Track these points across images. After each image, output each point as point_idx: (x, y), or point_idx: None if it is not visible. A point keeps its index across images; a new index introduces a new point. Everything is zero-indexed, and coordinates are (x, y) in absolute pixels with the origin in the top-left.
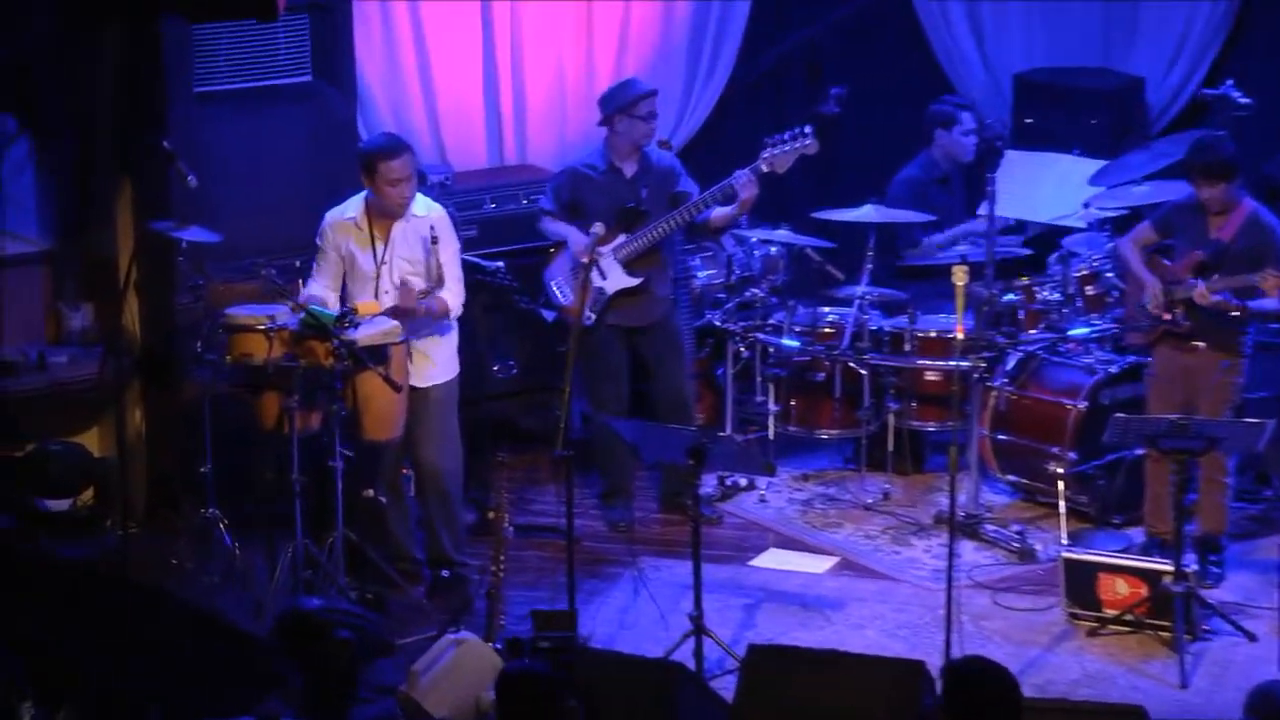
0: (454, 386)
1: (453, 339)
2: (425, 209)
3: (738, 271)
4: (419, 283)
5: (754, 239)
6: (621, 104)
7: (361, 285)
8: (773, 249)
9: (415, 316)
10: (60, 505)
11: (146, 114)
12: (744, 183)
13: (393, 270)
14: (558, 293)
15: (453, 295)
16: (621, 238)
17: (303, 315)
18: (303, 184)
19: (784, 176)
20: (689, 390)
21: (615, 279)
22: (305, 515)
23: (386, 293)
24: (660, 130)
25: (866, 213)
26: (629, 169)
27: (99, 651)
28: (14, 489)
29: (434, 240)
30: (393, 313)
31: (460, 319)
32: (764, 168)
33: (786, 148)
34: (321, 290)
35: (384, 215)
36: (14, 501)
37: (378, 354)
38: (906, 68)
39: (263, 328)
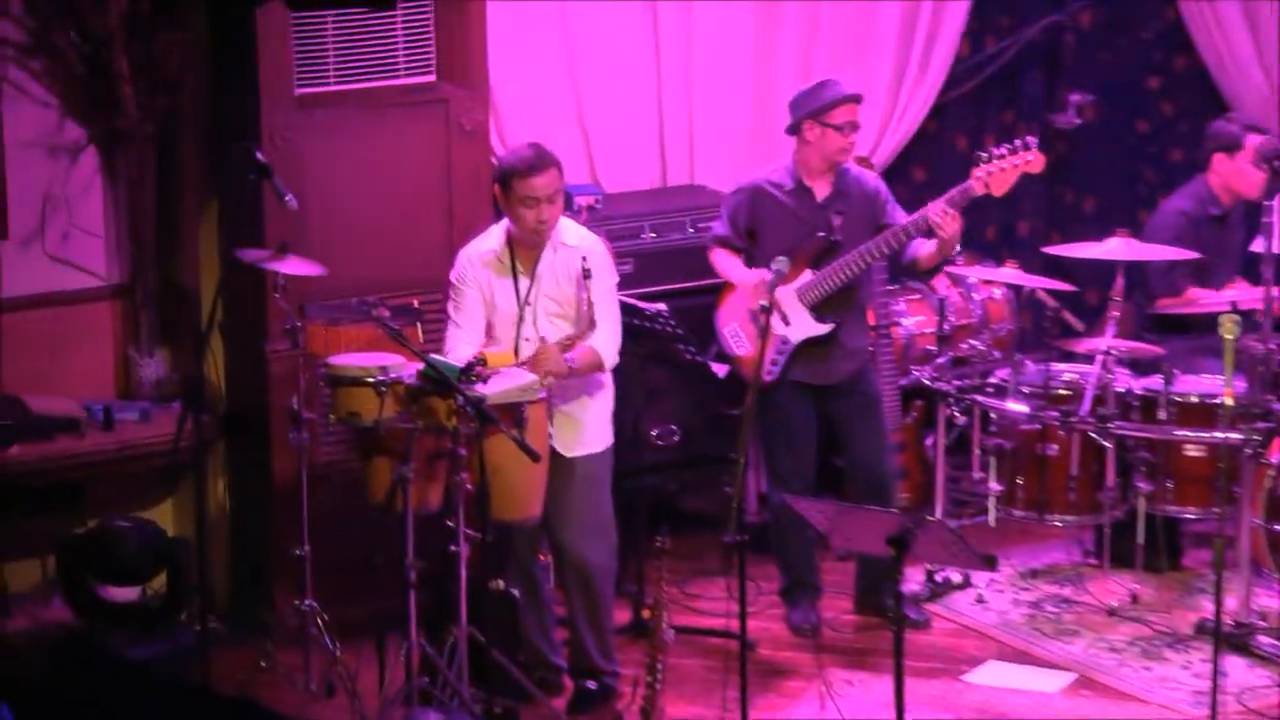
0: (607, 457)
1: (607, 398)
2: (577, 238)
3: (952, 319)
4: (565, 327)
5: (973, 279)
6: (813, 109)
7: (503, 332)
8: (996, 292)
9: (559, 378)
10: (127, 594)
11: (237, 119)
12: (938, 214)
13: (537, 313)
14: (732, 342)
15: (606, 340)
16: (808, 275)
17: (422, 367)
18: (424, 205)
19: (1011, 202)
20: (890, 464)
21: (800, 326)
22: (421, 610)
23: (528, 340)
24: (859, 144)
25: (1114, 248)
26: (821, 190)
27: None
28: (73, 575)
29: (586, 274)
30: (532, 365)
31: (613, 373)
32: (976, 189)
33: (1004, 164)
34: (464, 344)
35: (527, 244)
36: (72, 590)
37: (512, 415)
38: (1167, 71)
39: (373, 381)
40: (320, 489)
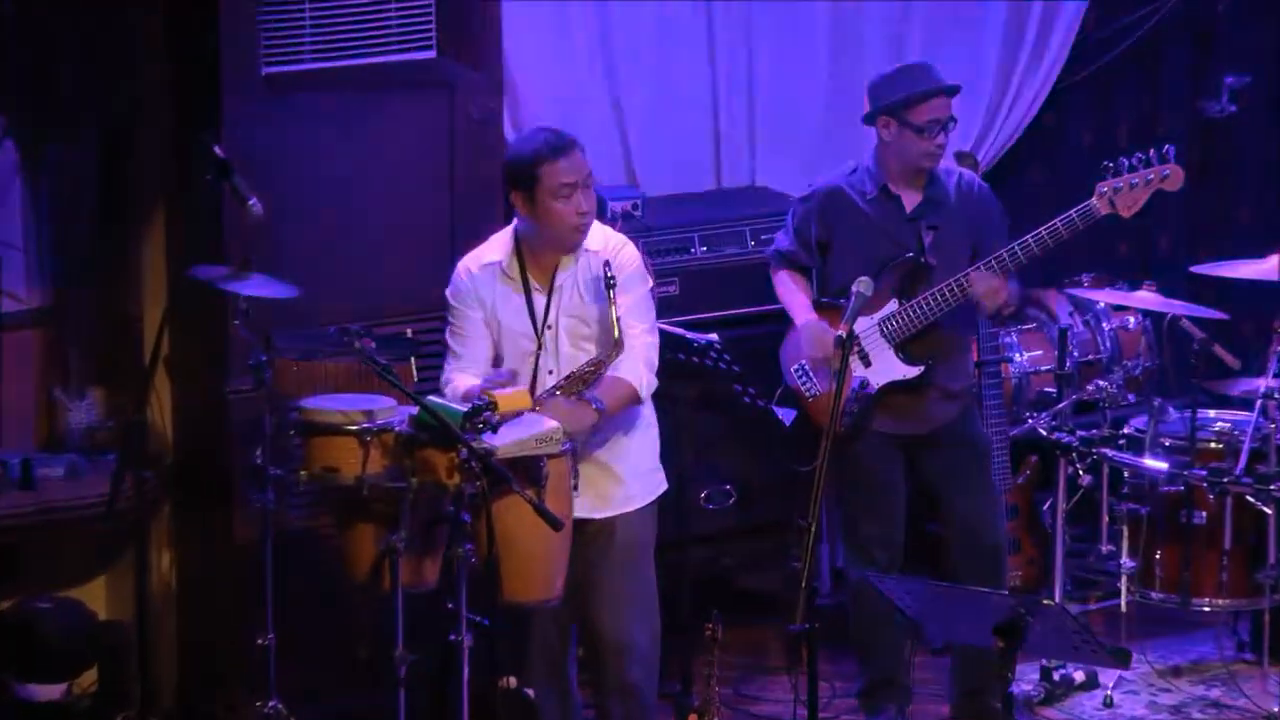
0: (651, 515)
1: (649, 437)
2: (601, 241)
3: (1076, 354)
4: (592, 349)
5: (1101, 305)
6: (891, 102)
7: (515, 363)
8: (1131, 321)
9: (582, 429)
10: (50, 693)
11: (191, 105)
12: (982, 283)
13: (559, 337)
14: (800, 381)
15: (636, 364)
16: (893, 305)
17: (416, 411)
18: (421, 212)
19: (1148, 211)
20: (999, 533)
21: (884, 366)
22: (413, 713)
23: (551, 372)
24: (960, 138)
25: (1276, 267)
26: (910, 199)
27: None
28: None
29: (610, 284)
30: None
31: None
32: (1100, 209)
33: (1134, 178)
34: (463, 375)
35: (548, 250)
36: None
37: (528, 471)
38: None
39: (355, 428)
40: (289, 563)
